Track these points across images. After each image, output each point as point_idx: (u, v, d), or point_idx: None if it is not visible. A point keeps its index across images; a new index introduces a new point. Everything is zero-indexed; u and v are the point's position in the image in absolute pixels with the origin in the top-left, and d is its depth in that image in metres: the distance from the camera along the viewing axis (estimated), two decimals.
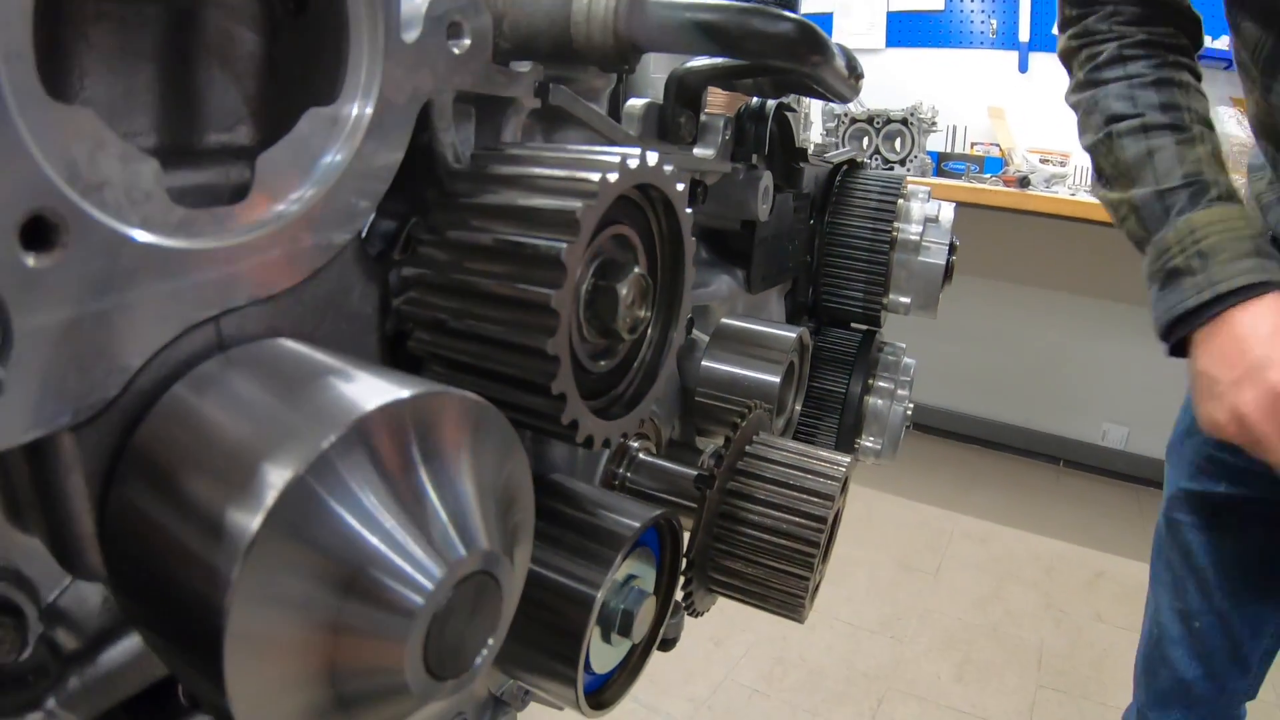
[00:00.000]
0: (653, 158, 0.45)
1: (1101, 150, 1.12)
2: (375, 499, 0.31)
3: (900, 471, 3.68)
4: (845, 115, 3.71)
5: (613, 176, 0.41)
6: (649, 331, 0.53)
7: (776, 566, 0.67)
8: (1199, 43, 1.20)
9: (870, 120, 3.67)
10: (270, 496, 0.29)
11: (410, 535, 0.31)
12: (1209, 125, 1.11)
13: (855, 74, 0.71)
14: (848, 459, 0.72)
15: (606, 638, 0.57)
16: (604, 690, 0.61)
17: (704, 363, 0.88)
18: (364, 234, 0.44)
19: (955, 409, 4.31)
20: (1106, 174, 1.13)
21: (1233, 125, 3.45)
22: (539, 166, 0.43)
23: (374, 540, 0.31)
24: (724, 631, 2.66)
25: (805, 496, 0.67)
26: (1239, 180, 3.35)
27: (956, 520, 3.51)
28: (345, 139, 0.38)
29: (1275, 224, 1.24)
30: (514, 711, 0.69)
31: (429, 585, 0.31)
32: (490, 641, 0.35)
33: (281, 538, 0.29)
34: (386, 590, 0.31)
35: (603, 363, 0.50)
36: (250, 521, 0.29)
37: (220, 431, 0.32)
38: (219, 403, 0.34)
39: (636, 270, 0.46)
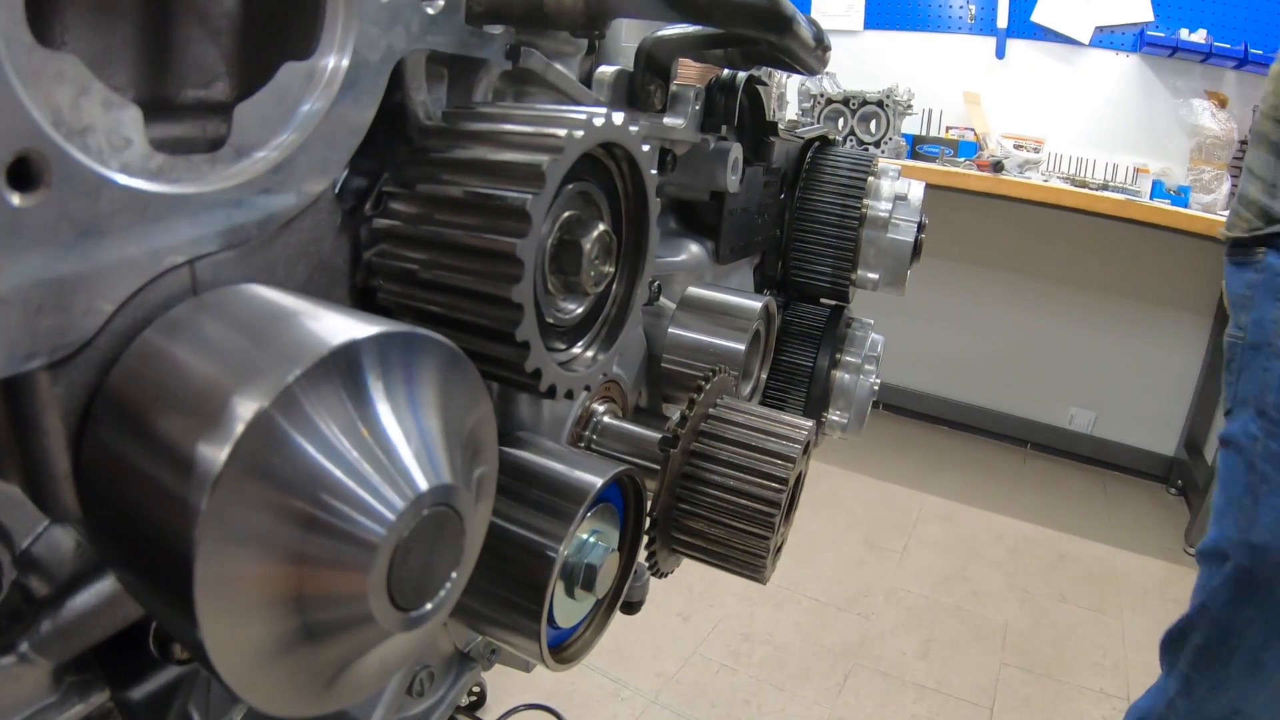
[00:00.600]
0: (619, 117, 0.46)
1: None
2: (339, 432, 0.32)
3: (868, 451, 3.73)
4: (821, 95, 3.72)
5: (579, 133, 0.43)
6: (614, 287, 0.54)
7: (738, 526, 0.69)
8: None
9: (846, 101, 3.68)
10: (237, 429, 0.30)
11: (373, 467, 0.33)
12: None
13: (822, 45, 0.73)
14: (810, 423, 0.74)
15: (570, 592, 0.58)
16: (568, 646, 0.63)
17: (671, 330, 0.90)
18: (337, 189, 0.45)
19: (924, 390, 4.37)
20: None
21: (1206, 118, 3.50)
22: (508, 124, 0.44)
23: (337, 472, 0.32)
24: (692, 608, 2.69)
25: (767, 458, 0.69)
26: (1209, 173, 3.32)
27: (923, 500, 3.56)
28: (320, 92, 0.39)
29: None
30: (480, 669, 0.70)
31: (390, 516, 0.32)
32: (454, 575, 0.37)
33: (248, 469, 0.30)
34: (349, 521, 0.32)
35: (568, 317, 0.51)
36: (217, 454, 0.30)
37: (190, 370, 0.34)
38: (190, 343, 0.35)
39: (601, 226, 0.47)
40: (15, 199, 0.29)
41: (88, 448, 0.35)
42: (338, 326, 0.33)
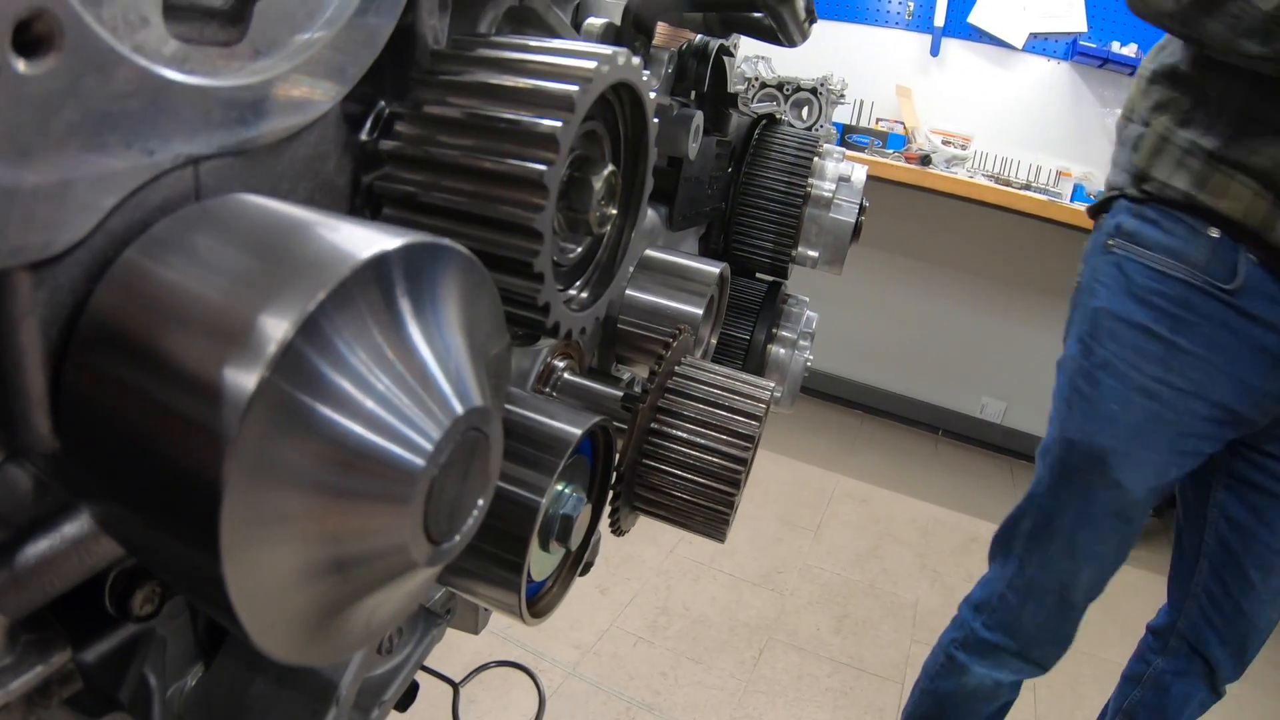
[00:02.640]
0: (636, 60, 0.45)
1: None
2: (372, 352, 0.30)
3: (785, 431, 3.79)
4: (756, 79, 3.75)
5: (606, 67, 0.41)
6: (607, 232, 0.53)
7: (704, 484, 0.69)
8: None
9: (780, 86, 3.71)
10: (268, 350, 0.27)
11: (404, 391, 0.31)
12: None
13: (811, 17, 0.73)
14: (772, 384, 0.74)
15: (544, 545, 0.57)
16: (539, 599, 0.62)
17: (628, 291, 0.89)
18: None
19: (841, 374, 4.46)
20: None
21: None
22: (526, 53, 0.43)
23: (369, 399, 0.30)
24: (609, 580, 2.70)
25: (735, 416, 0.69)
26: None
27: (838, 481, 3.65)
28: None
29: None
30: (445, 625, 0.69)
31: (428, 446, 0.30)
32: (480, 503, 0.35)
33: (279, 395, 0.28)
34: (385, 452, 0.30)
35: (569, 256, 0.50)
36: (247, 378, 0.27)
37: (204, 282, 0.30)
38: (201, 253, 0.32)
39: (610, 167, 0.46)
40: (21, 65, 0.26)
41: (72, 367, 0.31)
42: (364, 237, 0.31)
